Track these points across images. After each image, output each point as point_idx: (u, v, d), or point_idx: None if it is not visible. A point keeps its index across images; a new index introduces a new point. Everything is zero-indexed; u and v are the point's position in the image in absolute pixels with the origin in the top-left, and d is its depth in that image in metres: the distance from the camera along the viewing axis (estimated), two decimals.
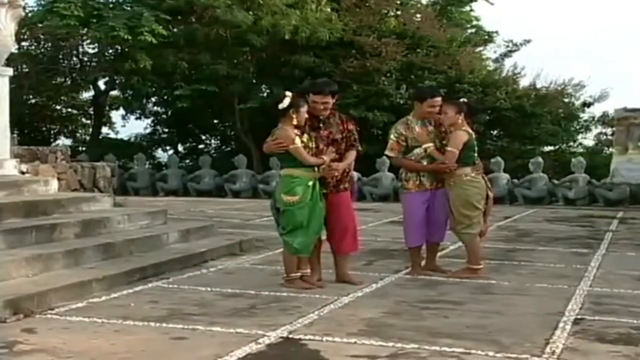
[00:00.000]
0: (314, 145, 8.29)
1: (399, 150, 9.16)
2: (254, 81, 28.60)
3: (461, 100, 9.49)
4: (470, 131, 9.10)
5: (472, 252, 9.08)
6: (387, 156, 9.53)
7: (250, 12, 26.58)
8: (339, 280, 8.55)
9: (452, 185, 8.93)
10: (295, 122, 8.09)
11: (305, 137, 8.20)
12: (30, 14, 25.17)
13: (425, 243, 9.32)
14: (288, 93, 8.22)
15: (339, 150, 8.40)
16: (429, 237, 9.21)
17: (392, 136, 9.24)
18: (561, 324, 6.83)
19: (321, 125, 8.37)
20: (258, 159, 26.63)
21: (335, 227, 8.51)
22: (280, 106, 8.06)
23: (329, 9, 27.57)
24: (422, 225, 9.10)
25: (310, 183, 8.14)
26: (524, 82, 29.58)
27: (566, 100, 29.47)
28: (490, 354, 5.80)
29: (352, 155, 8.55)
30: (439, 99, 9.10)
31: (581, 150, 30.13)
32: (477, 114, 9.89)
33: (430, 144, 8.98)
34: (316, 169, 8.19)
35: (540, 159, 23.88)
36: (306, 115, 8.13)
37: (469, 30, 32.32)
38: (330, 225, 8.52)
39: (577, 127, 30.96)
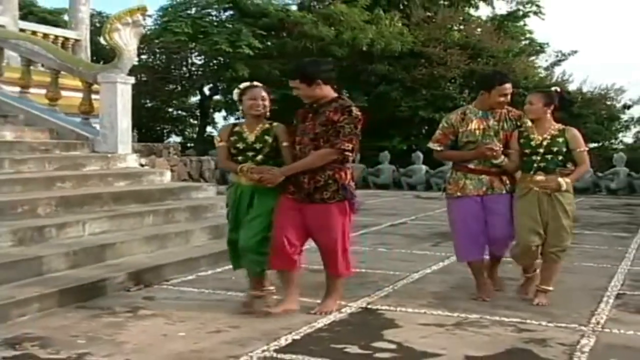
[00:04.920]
0: (257, 145, 6.11)
1: (444, 144, 6.80)
2: (335, 87, 28.52)
3: (553, 89, 6.80)
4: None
5: (555, 272, 6.60)
6: (431, 150, 6.97)
7: (333, 28, 26.60)
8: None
9: (559, 195, 6.41)
10: (242, 113, 6.39)
11: (252, 136, 6.12)
12: (148, 32, 25.65)
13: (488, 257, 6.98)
14: (242, 85, 6.41)
15: (320, 148, 5.89)
16: (490, 251, 6.89)
17: (440, 126, 6.88)
18: (605, 298, 6.81)
19: (310, 115, 6.04)
20: None
21: (317, 244, 6.17)
22: (235, 99, 6.43)
23: (400, 24, 27.45)
24: (472, 236, 6.64)
25: (233, 188, 6.25)
26: (571, 87, 29.31)
27: (608, 103, 29.21)
28: (543, 323, 5.80)
29: (314, 156, 5.87)
30: (509, 85, 6.66)
31: (622, 146, 29.55)
32: (569, 108, 6.84)
33: (502, 158, 6.52)
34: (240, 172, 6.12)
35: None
36: (257, 103, 6.16)
37: (523, 42, 31.79)
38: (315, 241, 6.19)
39: (618, 127, 30.51)
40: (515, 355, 5.08)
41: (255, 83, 6.37)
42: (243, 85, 6.37)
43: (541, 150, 6.40)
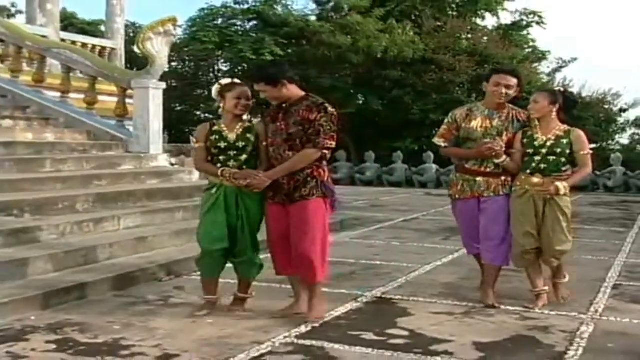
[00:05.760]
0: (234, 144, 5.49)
1: (448, 140, 6.20)
2: (352, 91, 28.53)
3: (557, 88, 6.23)
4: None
5: (562, 267, 6.20)
6: (437, 145, 6.33)
7: (349, 36, 26.62)
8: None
9: (556, 197, 5.80)
10: (221, 111, 5.69)
11: (233, 135, 5.51)
12: (178, 41, 25.78)
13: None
14: (223, 81, 5.75)
15: (295, 148, 5.37)
16: (481, 254, 6.20)
17: (445, 121, 6.33)
18: (602, 289, 6.82)
19: (281, 115, 5.46)
20: (355, 152, 26.65)
21: (294, 244, 5.42)
22: (214, 96, 5.72)
23: (412, 33, 27.40)
24: (472, 233, 6.15)
25: (214, 190, 5.53)
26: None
27: (606, 106, 29.25)
28: (546, 312, 5.79)
29: (299, 157, 5.33)
30: (507, 76, 5.99)
31: (618, 147, 29.56)
32: (573, 108, 6.18)
33: (503, 158, 5.89)
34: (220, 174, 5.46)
35: None
36: (241, 102, 5.53)
37: (527, 50, 31.67)
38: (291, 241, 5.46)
39: (615, 129, 30.56)
40: (520, 341, 5.06)
41: (237, 81, 5.74)
42: (224, 81, 5.73)
43: (544, 151, 5.80)
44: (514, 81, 5.99)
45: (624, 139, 31.40)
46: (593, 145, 29.15)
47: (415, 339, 5.06)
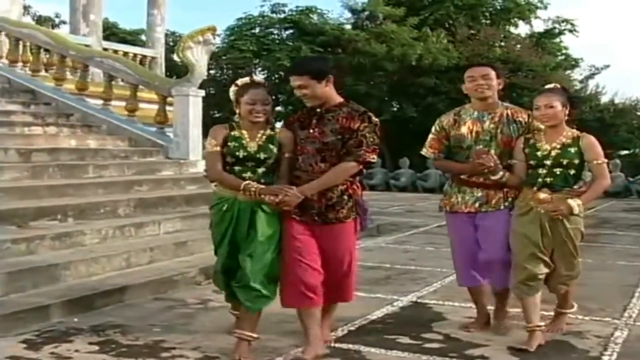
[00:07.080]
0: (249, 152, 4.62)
1: (438, 150, 5.28)
2: (387, 98, 28.52)
3: (552, 85, 5.26)
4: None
5: (570, 295, 5.32)
6: (426, 157, 5.48)
7: (384, 44, 26.60)
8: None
9: (564, 218, 4.78)
10: (237, 117, 4.85)
11: (253, 144, 4.65)
12: (217, 49, 25.98)
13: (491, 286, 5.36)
14: (240, 81, 4.95)
15: (328, 159, 4.57)
16: (487, 279, 5.29)
17: (432, 129, 5.38)
18: (636, 294, 6.73)
19: (315, 121, 4.67)
20: (390, 159, 26.59)
21: (327, 269, 4.66)
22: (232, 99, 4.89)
23: (446, 41, 27.35)
24: (470, 258, 5.21)
25: (225, 207, 4.64)
26: (604, 99, 29.22)
27: (638, 113, 28.98)
28: (580, 317, 5.70)
29: (338, 171, 4.54)
30: (477, 67, 5.27)
31: None
32: (577, 107, 5.14)
33: (501, 174, 4.93)
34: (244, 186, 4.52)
35: (618, 161, 23.19)
36: (256, 108, 4.67)
37: (559, 57, 31.49)
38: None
39: None
40: (554, 346, 5.00)
41: (257, 79, 4.99)
42: (241, 81, 4.91)
43: (548, 162, 4.82)
44: (488, 69, 5.23)
45: None
46: (626, 152, 29.11)
47: (450, 343, 5.03)
